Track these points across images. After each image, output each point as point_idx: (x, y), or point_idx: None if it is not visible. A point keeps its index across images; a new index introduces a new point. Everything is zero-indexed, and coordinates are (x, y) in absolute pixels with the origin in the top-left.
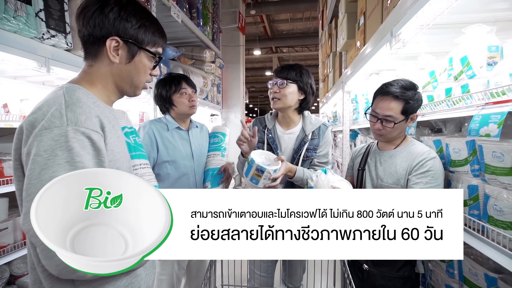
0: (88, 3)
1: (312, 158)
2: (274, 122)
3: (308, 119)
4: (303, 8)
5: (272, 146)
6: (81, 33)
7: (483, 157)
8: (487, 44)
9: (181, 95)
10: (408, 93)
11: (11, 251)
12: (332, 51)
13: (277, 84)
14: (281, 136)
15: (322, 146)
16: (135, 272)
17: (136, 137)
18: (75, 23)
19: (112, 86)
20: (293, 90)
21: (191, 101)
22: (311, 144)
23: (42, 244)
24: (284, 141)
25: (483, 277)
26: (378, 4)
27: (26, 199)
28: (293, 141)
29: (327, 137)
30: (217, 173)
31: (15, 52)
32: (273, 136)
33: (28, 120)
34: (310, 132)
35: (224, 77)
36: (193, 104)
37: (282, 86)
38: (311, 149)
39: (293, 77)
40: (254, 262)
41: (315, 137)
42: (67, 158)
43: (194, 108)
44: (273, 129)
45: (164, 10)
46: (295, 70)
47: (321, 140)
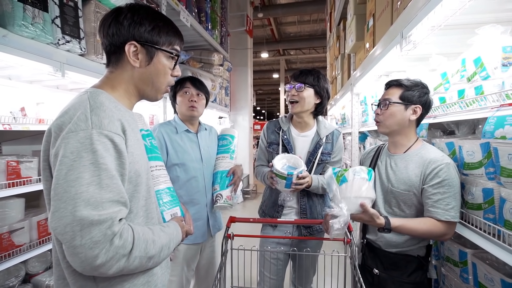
0: (106, 16)
1: (326, 162)
2: (288, 125)
3: (322, 124)
4: (311, 11)
5: (287, 147)
6: (104, 44)
7: (499, 160)
8: (501, 45)
9: (183, 94)
10: (409, 82)
11: (27, 250)
12: (341, 53)
13: (295, 87)
14: (295, 138)
15: (336, 151)
16: (151, 271)
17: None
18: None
19: (133, 90)
20: (310, 94)
21: (190, 101)
22: (325, 148)
23: (68, 242)
24: (298, 143)
25: (500, 282)
26: (388, 6)
27: (53, 198)
28: (308, 144)
29: (340, 143)
30: (225, 175)
31: (32, 57)
32: (288, 138)
33: (56, 123)
34: (325, 136)
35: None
36: (192, 105)
37: (300, 90)
38: (325, 153)
39: (310, 82)
40: (264, 264)
41: (329, 142)
42: (91, 159)
43: (193, 110)
44: (288, 131)
45: (174, 14)
46: (313, 75)
47: (334, 145)
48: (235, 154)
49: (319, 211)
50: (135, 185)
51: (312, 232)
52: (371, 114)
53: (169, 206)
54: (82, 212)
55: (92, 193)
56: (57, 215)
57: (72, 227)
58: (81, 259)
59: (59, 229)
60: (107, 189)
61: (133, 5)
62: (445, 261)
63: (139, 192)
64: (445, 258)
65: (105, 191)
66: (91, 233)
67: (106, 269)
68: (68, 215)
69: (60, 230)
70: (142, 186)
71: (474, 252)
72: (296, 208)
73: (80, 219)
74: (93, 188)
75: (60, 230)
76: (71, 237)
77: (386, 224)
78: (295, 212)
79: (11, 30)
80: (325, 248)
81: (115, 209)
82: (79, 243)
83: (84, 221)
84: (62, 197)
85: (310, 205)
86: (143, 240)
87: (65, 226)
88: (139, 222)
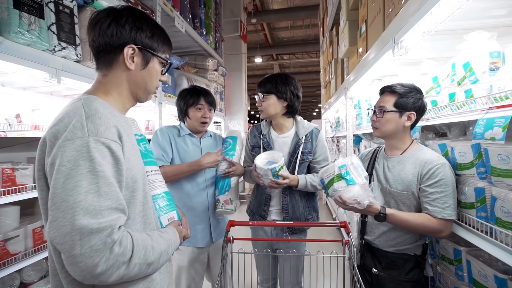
0: (101, 16)
1: (307, 161)
2: (269, 128)
3: (300, 124)
4: (303, 16)
5: (267, 149)
6: (96, 43)
7: (489, 160)
8: (488, 50)
9: (196, 110)
10: (402, 89)
11: (22, 258)
12: (334, 57)
13: (259, 97)
14: (275, 139)
15: (318, 151)
16: (151, 277)
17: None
18: (87, 34)
19: (127, 93)
20: (273, 101)
21: (203, 118)
22: (305, 148)
23: (67, 251)
24: (278, 144)
25: (493, 278)
26: (380, 12)
27: (51, 207)
28: (288, 145)
29: (321, 141)
30: (223, 180)
31: (28, 64)
32: (268, 140)
33: (51, 132)
34: (303, 135)
35: (227, 85)
36: (205, 121)
37: (262, 99)
38: (305, 152)
39: (269, 89)
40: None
41: (308, 140)
42: (89, 167)
43: (205, 126)
44: (268, 134)
45: (168, 20)
46: (270, 82)
47: (314, 143)
48: (236, 157)
49: (302, 211)
50: (132, 191)
51: (294, 232)
52: (365, 117)
53: (165, 210)
54: (81, 221)
55: (91, 201)
56: (55, 224)
57: (72, 236)
58: (81, 268)
59: (58, 238)
60: (105, 197)
61: (130, 8)
62: (440, 260)
63: (136, 198)
64: (440, 257)
65: (104, 198)
66: (91, 242)
67: (107, 277)
68: (67, 224)
69: (59, 239)
70: (139, 192)
71: (468, 250)
72: (279, 208)
73: (79, 228)
74: (92, 196)
75: (59, 240)
76: (70, 247)
77: (382, 209)
78: (277, 212)
79: (7, 37)
80: (324, 249)
81: (114, 217)
82: (78, 252)
83: (83, 230)
84: (60, 206)
85: (292, 205)
86: (142, 247)
87: (64, 235)
88: (137, 228)
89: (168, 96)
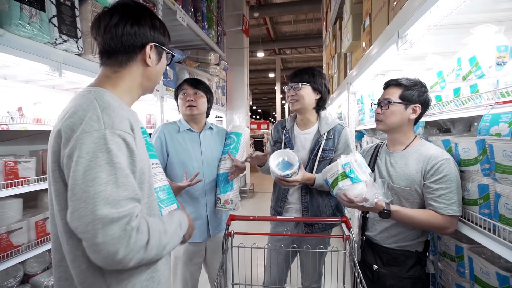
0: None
1: (328, 159)
2: (293, 123)
3: (324, 120)
4: (306, 10)
5: (287, 145)
6: (112, 44)
7: (494, 156)
8: (496, 44)
9: (182, 96)
10: (408, 82)
11: (25, 250)
12: (337, 52)
13: (293, 88)
14: (297, 135)
15: (340, 148)
16: (155, 267)
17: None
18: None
19: (138, 87)
20: (308, 91)
21: (188, 101)
22: (327, 145)
23: (90, 240)
24: (299, 140)
25: (495, 275)
26: (384, 6)
27: (72, 198)
28: (309, 141)
29: (345, 138)
30: (226, 179)
31: (29, 57)
32: (290, 136)
33: (66, 124)
34: (325, 132)
35: (229, 79)
36: (190, 104)
37: (297, 89)
38: (327, 150)
39: (306, 79)
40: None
41: (331, 137)
42: (107, 159)
43: (193, 110)
44: (291, 129)
45: (170, 14)
46: (307, 73)
47: (336, 141)
48: (239, 153)
49: (323, 210)
50: (140, 183)
51: (314, 230)
52: (368, 112)
53: (166, 203)
54: (102, 210)
55: (110, 192)
56: (77, 214)
57: (94, 226)
58: (104, 255)
59: (81, 228)
60: (123, 188)
61: (140, 5)
62: (442, 256)
63: (143, 189)
64: (442, 253)
65: (122, 189)
66: (112, 230)
67: (127, 262)
68: (88, 214)
69: (81, 229)
70: (146, 184)
71: (470, 247)
72: (298, 206)
73: (101, 217)
74: (111, 187)
75: (82, 229)
76: (93, 235)
77: (386, 205)
78: (296, 209)
79: (8, 30)
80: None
81: (131, 206)
82: (101, 240)
83: (105, 219)
84: (81, 197)
85: (313, 203)
86: (157, 231)
87: (86, 224)
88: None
89: (169, 90)
